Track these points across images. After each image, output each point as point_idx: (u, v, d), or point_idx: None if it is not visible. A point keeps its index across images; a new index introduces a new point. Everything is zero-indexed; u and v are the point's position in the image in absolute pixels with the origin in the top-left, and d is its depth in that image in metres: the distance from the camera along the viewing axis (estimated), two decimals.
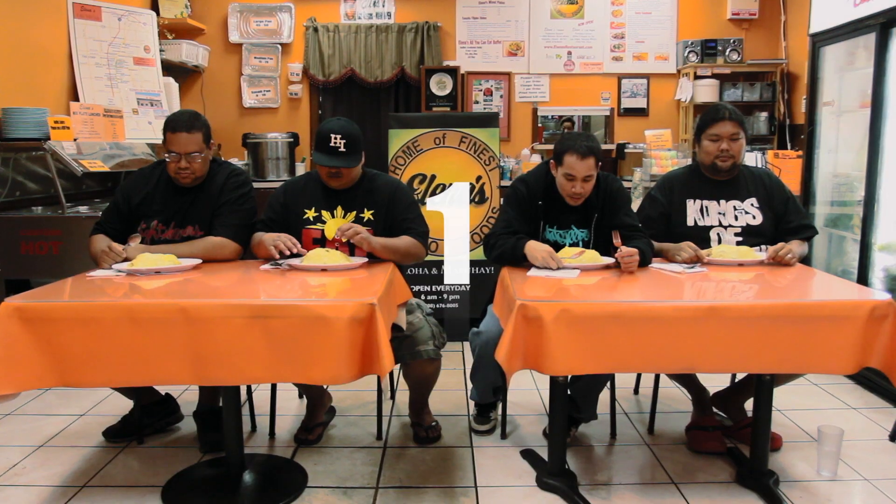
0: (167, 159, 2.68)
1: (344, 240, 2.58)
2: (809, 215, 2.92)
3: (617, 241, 2.57)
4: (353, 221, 2.70)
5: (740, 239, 2.78)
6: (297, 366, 2.04)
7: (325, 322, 1.99)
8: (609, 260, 2.56)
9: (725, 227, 2.81)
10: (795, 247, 2.68)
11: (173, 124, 2.67)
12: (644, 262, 2.59)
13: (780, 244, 2.64)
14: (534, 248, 2.56)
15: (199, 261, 2.58)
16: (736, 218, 2.81)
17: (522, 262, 2.61)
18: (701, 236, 2.78)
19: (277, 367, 2.04)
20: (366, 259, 2.60)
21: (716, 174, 2.82)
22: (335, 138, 2.64)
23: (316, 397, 2.90)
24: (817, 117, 4.08)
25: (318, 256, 2.52)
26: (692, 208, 2.84)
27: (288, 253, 2.53)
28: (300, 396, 3.24)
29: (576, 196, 2.67)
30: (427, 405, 2.90)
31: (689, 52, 5.84)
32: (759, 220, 2.80)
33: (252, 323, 2.01)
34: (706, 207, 2.83)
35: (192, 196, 2.74)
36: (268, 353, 2.01)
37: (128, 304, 2.06)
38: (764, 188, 2.85)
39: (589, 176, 2.63)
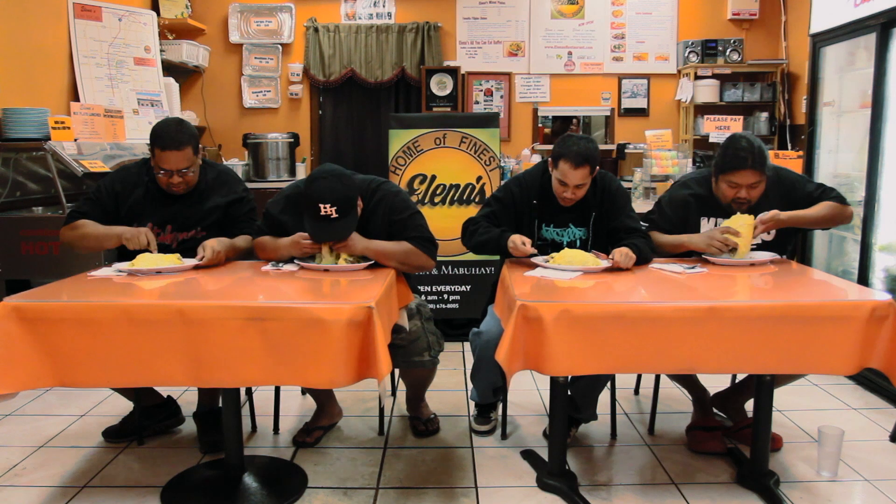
0: (158, 175, 2.62)
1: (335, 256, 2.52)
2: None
3: (605, 257, 2.60)
4: None
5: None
6: (294, 368, 2.02)
7: (322, 325, 1.98)
8: (602, 263, 2.55)
9: None
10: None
11: (161, 141, 2.56)
12: (643, 261, 2.59)
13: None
14: (513, 240, 2.58)
15: (198, 261, 2.57)
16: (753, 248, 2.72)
17: (503, 252, 2.67)
18: None
19: (274, 370, 2.03)
20: (370, 261, 2.56)
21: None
22: (325, 207, 2.39)
23: (323, 402, 2.89)
24: (818, 117, 4.08)
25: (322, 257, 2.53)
26: (707, 227, 2.76)
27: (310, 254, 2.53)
28: (303, 394, 3.25)
29: (566, 200, 2.69)
30: (423, 399, 2.93)
31: (690, 52, 5.84)
32: (772, 234, 2.74)
33: (249, 325, 2.00)
34: (719, 224, 2.73)
35: (186, 199, 2.69)
36: (265, 355, 2.00)
37: (125, 305, 2.06)
38: (778, 197, 2.68)
39: (581, 184, 2.62)
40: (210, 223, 2.72)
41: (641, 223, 2.80)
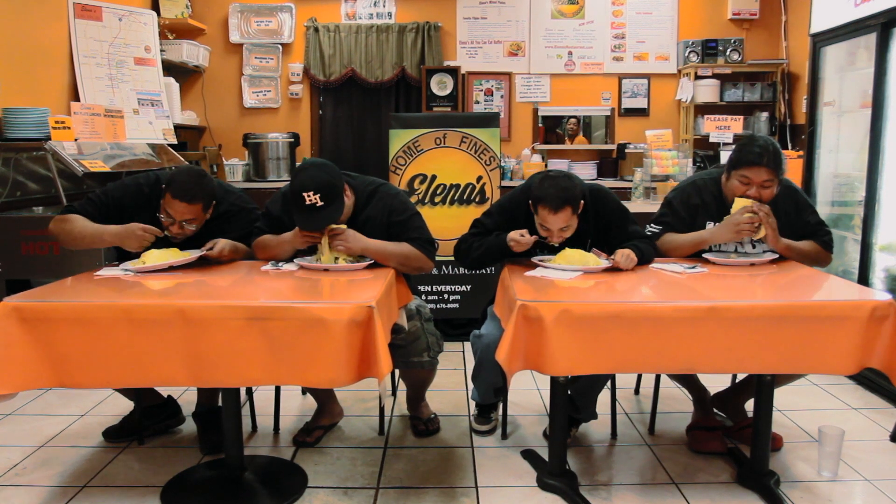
0: (160, 216, 2.55)
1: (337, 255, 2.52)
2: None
3: (606, 256, 2.59)
4: None
5: None
6: (294, 368, 2.02)
7: (323, 324, 1.98)
8: (603, 263, 2.54)
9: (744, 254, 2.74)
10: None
11: (173, 188, 2.47)
12: (645, 262, 2.59)
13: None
14: (512, 237, 2.56)
15: (203, 252, 2.55)
16: (753, 246, 2.72)
17: (510, 257, 2.64)
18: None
19: (275, 370, 2.03)
20: (370, 260, 2.56)
21: None
22: (309, 196, 2.40)
23: (323, 401, 2.89)
24: (818, 117, 4.08)
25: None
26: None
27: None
28: (303, 393, 3.25)
29: (554, 243, 2.60)
30: (424, 399, 2.94)
31: (690, 52, 5.84)
32: (777, 253, 2.70)
33: (250, 325, 2.00)
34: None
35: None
36: (265, 355, 2.00)
37: (125, 305, 2.06)
38: (785, 211, 2.66)
39: (566, 227, 2.53)
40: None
41: (654, 226, 2.78)
